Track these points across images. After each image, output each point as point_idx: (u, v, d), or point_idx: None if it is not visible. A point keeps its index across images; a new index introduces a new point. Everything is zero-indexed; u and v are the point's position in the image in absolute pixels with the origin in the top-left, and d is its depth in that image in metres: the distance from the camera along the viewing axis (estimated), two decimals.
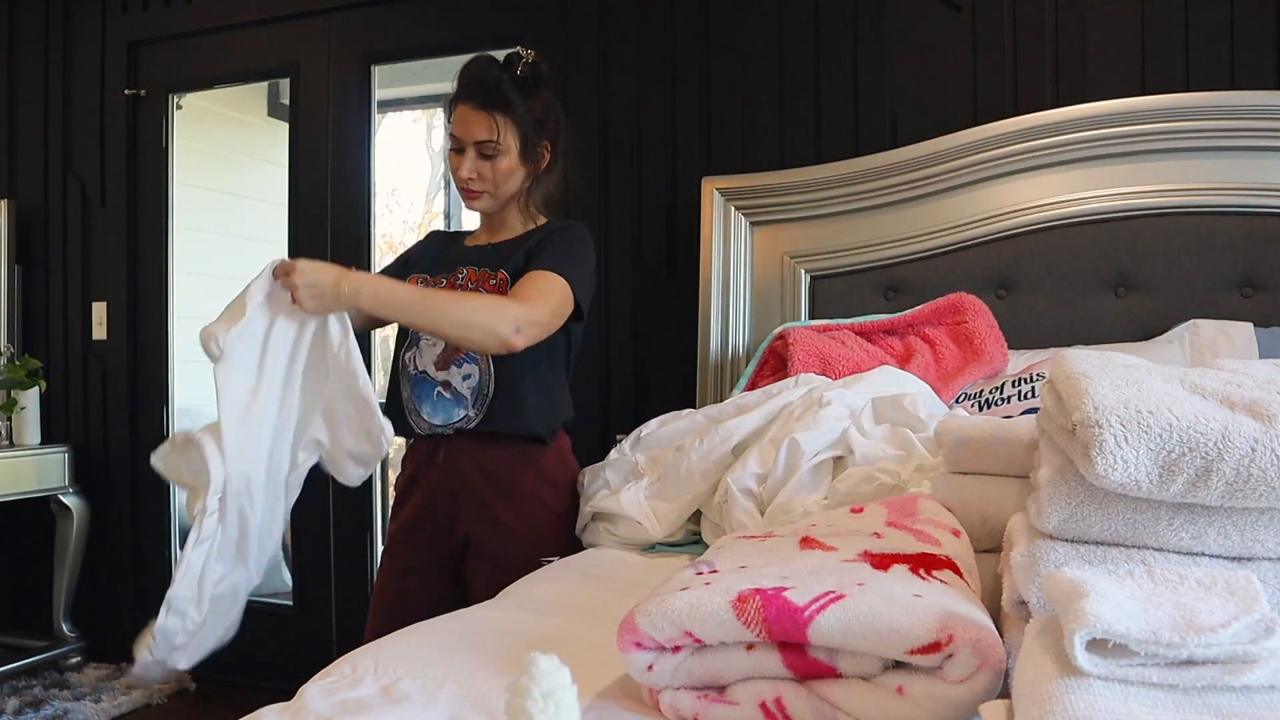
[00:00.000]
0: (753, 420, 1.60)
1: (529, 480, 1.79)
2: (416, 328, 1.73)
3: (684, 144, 2.66)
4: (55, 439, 3.39)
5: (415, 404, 1.79)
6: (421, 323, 1.64)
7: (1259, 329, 1.94)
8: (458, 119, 1.77)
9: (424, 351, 1.79)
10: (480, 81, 1.75)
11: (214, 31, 3.25)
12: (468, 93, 1.75)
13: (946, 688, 0.70)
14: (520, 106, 1.76)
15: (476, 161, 1.77)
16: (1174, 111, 2.05)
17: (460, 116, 1.76)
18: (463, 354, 1.77)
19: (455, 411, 1.77)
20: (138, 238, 3.35)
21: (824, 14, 2.52)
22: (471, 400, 1.77)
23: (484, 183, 1.79)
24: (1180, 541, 0.74)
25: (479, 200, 1.82)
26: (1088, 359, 0.83)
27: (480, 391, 1.77)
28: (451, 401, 1.77)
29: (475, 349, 1.72)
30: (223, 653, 1.61)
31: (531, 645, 0.64)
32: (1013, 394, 1.77)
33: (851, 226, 2.33)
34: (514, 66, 1.76)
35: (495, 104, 1.74)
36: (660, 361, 2.67)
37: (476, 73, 1.76)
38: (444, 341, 1.75)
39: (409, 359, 1.81)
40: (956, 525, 0.99)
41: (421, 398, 1.78)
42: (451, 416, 1.77)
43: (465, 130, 1.76)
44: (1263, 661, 0.57)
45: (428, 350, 1.79)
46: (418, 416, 1.79)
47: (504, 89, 1.74)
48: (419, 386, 1.79)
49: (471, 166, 1.77)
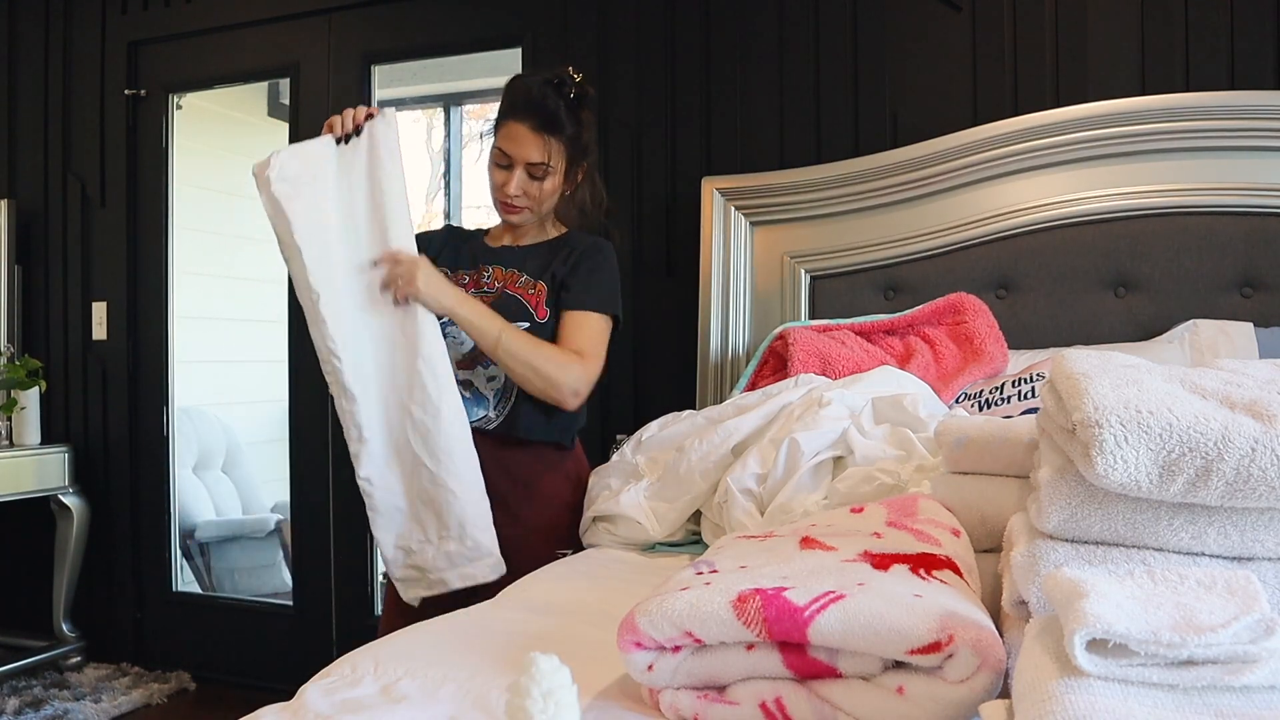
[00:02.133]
0: (753, 420, 1.59)
1: (551, 481, 1.81)
2: (483, 345, 1.72)
3: (684, 144, 2.66)
4: (55, 439, 3.39)
5: None
6: (488, 344, 1.70)
7: (1259, 329, 1.94)
8: (510, 136, 1.76)
9: (449, 347, 1.76)
10: (539, 104, 1.75)
11: (214, 31, 3.25)
12: (526, 113, 1.75)
13: (946, 688, 0.70)
14: (570, 130, 1.78)
15: (525, 181, 1.78)
16: (1174, 111, 2.05)
17: (513, 134, 1.76)
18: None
19: (474, 411, 1.77)
20: (138, 238, 3.35)
21: (824, 14, 2.52)
22: (494, 401, 1.77)
23: (529, 200, 1.80)
24: (1180, 541, 0.74)
25: (519, 215, 1.83)
26: (1088, 359, 0.83)
27: (504, 394, 1.78)
28: (471, 400, 1.77)
29: (529, 391, 1.74)
30: (223, 653, 1.62)
31: (531, 645, 0.64)
32: (1013, 394, 1.76)
33: (851, 226, 2.33)
34: (566, 89, 1.77)
35: (551, 128, 1.76)
36: (660, 362, 2.67)
37: (536, 95, 1.76)
38: (494, 361, 1.75)
39: None
40: (956, 525, 0.99)
41: None
42: (471, 416, 1.75)
43: (518, 149, 1.76)
44: (1263, 661, 0.57)
45: (453, 346, 1.77)
46: None
47: (561, 115, 1.76)
48: None
49: (519, 185, 1.78)
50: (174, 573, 3.37)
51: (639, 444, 1.75)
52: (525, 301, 1.79)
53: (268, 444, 3.98)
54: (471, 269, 1.85)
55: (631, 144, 2.71)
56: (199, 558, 3.65)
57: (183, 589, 3.41)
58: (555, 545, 1.76)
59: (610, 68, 2.74)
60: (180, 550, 3.44)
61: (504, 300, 1.79)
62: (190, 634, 3.30)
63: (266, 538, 3.85)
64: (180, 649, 3.30)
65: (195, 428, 3.86)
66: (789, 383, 1.76)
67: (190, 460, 3.82)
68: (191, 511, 3.68)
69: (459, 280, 1.82)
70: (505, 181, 1.78)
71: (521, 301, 1.79)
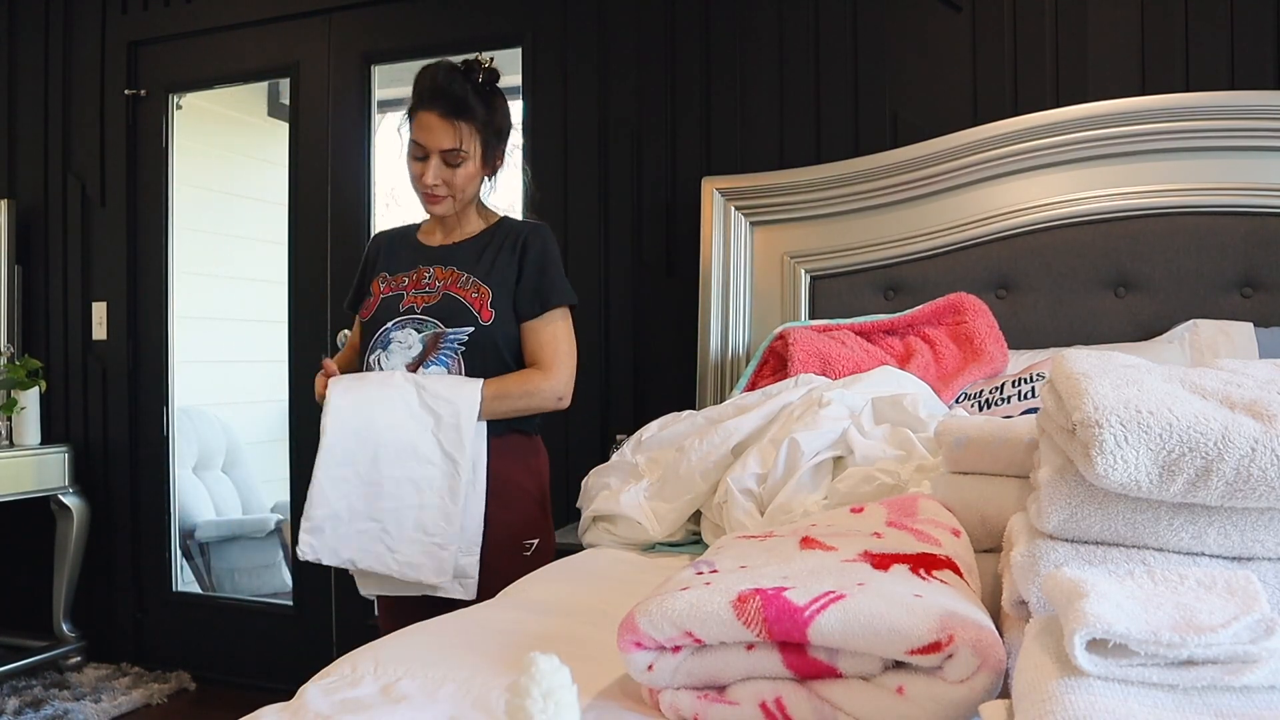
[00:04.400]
0: (752, 421, 1.59)
1: (515, 471, 1.83)
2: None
3: (684, 144, 2.66)
4: (55, 439, 3.39)
5: None
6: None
7: (1259, 329, 1.94)
8: (422, 126, 1.78)
9: (393, 354, 1.79)
10: (445, 90, 1.76)
11: (214, 31, 3.25)
12: (432, 101, 1.76)
13: (946, 688, 0.70)
14: (482, 114, 1.78)
15: (441, 169, 1.79)
16: (1174, 111, 2.04)
17: (424, 124, 1.77)
18: (433, 355, 1.78)
19: None
20: (138, 238, 3.35)
21: (824, 14, 2.52)
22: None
23: (448, 189, 1.81)
24: (1180, 541, 0.73)
25: (440, 205, 1.84)
26: (1088, 359, 0.83)
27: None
28: None
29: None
30: (223, 653, 1.62)
31: (531, 645, 0.64)
32: (1013, 394, 1.76)
33: (851, 226, 2.33)
34: (475, 74, 1.78)
35: (461, 113, 1.76)
36: (660, 361, 2.67)
37: (442, 81, 1.76)
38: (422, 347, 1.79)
39: (375, 361, 1.81)
40: (956, 525, 0.99)
41: None
42: None
43: (430, 138, 1.77)
44: (1263, 661, 0.57)
45: (398, 352, 1.79)
46: None
47: (469, 99, 1.76)
48: None
49: (436, 174, 1.78)
50: (174, 573, 3.37)
51: (639, 444, 1.75)
52: (469, 304, 1.80)
53: (268, 444, 3.98)
54: (409, 269, 1.86)
55: (631, 144, 2.71)
56: (199, 558, 3.65)
57: (183, 589, 3.41)
58: (520, 536, 1.80)
59: (610, 68, 2.74)
60: (180, 550, 3.44)
61: (446, 303, 1.80)
62: (190, 634, 3.30)
63: (266, 538, 3.85)
64: (180, 649, 3.30)
65: (195, 428, 3.86)
66: (789, 383, 1.76)
67: (190, 460, 3.82)
68: (191, 511, 3.68)
69: (399, 284, 1.84)
70: (422, 172, 1.79)
71: (464, 304, 1.80)
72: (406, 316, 1.81)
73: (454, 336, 1.79)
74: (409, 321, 1.81)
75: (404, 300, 1.83)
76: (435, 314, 1.80)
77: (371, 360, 1.81)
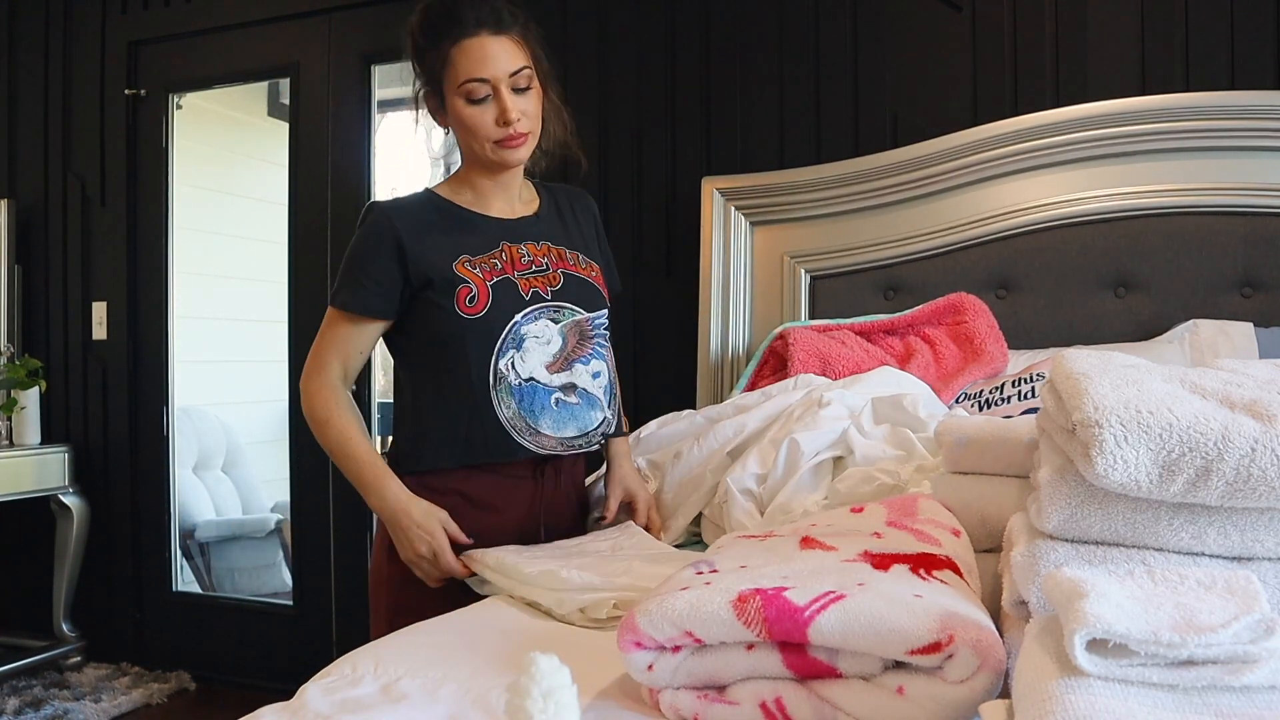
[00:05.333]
0: (752, 421, 1.59)
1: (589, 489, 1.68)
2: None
3: (684, 144, 2.66)
4: (55, 439, 3.39)
5: (529, 419, 1.45)
6: None
7: (1259, 329, 1.94)
8: (473, 57, 1.42)
9: (530, 353, 1.46)
10: (483, 5, 1.43)
11: (214, 31, 3.25)
12: (476, 23, 1.42)
13: (946, 688, 0.70)
14: (523, 24, 1.48)
15: (515, 98, 1.44)
16: (1174, 111, 2.04)
17: (476, 52, 1.42)
18: (589, 349, 1.51)
19: (592, 416, 1.51)
20: (138, 238, 3.35)
21: (824, 14, 2.52)
22: (606, 400, 1.53)
23: (530, 121, 1.46)
24: (1180, 541, 0.73)
25: (525, 146, 1.48)
26: (1088, 359, 0.83)
27: (612, 388, 1.56)
28: (581, 406, 1.49)
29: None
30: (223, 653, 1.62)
31: (531, 645, 0.64)
32: (1013, 394, 1.76)
33: (851, 226, 2.33)
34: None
35: (511, 25, 1.45)
36: (660, 361, 2.67)
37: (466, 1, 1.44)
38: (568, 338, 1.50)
39: (507, 366, 1.45)
40: (956, 525, 0.99)
41: (537, 410, 1.45)
42: (588, 423, 1.50)
43: (494, 65, 1.42)
44: (1263, 661, 0.57)
45: (535, 350, 1.46)
46: (534, 435, 1.46)
47: (504, 11, 1.46)
48: (529, 397, 1.45)
49: (515, 104, 1.44)
50: (174, 573, 3.37)
51: (637, 441, 1.76)
52: (596, 285, 1.55)
53: (268, 444, 3.98)
54: (492, 249, 1.49)
55: (631, 144, 2.71)
56: (199, 558, 3.65)
57: (183, 589, 3.41)
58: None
59: (610, 68, 2.74)
60: (180, 550, 3.44)
61: (573, 285, 1.51)
62: (190, 634, 3.30)
63: (266, 538, 3.85)
64: (180, 649, 3.30)
65: (195, 428, 3.86)
66: (789, 383, 1.76)
67: (190, 460, 3.82)
68: (191, 511, 3.68)
69: (494, 269, 1.47)
70: (503, 110, 1.43)
71: (592, 285, 1.55)
72: (535, 305, 1.47)
73: (599, 322, 1.53)
74: (543, 311, 1.48)
75: (519, 286, 1.47)
76: (568, 299, 1.50)
77: (503, 366, 1.44)
